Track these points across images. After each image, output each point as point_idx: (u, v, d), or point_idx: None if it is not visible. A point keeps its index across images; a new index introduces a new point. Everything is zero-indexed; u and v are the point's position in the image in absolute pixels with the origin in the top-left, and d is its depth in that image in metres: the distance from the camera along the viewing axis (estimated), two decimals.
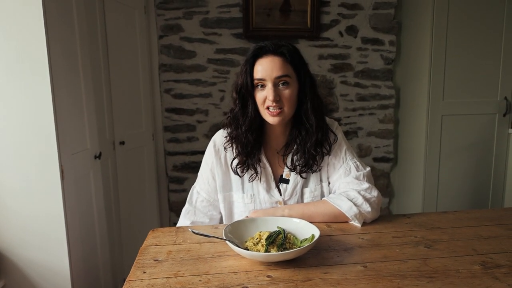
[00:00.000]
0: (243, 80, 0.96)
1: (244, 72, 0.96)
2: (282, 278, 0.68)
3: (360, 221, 0.93)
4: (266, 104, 0.95)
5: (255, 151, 0.99)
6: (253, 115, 0.97)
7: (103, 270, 1.60)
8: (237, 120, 0.99)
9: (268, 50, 0.94)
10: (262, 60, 0.94)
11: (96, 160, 1.54)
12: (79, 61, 1.44)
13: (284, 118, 0.96)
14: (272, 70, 0.92)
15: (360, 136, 2.56)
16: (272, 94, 0.92)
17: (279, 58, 0.93)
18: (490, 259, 0.75)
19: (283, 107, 0.94)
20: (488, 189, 2.39)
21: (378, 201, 0.97)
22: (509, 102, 2.30)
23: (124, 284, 0.67)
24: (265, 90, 0.94)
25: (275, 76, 0.92)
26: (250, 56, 0.96)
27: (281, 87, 0.94)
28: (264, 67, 0.93)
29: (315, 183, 1.03)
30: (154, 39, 2.29)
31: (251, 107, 0.96)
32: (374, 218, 0.97)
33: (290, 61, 0.94)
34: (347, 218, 0.94)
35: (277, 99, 0.93)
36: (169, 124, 2.39)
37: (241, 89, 0.97)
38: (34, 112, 1.21)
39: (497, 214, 1.03)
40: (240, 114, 0.98)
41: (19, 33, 1.17)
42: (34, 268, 1.27)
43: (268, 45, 0.95)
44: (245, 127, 0.97)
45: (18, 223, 1.25)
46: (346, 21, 2.42)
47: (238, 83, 0.97)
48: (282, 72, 0.93)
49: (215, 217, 1.07)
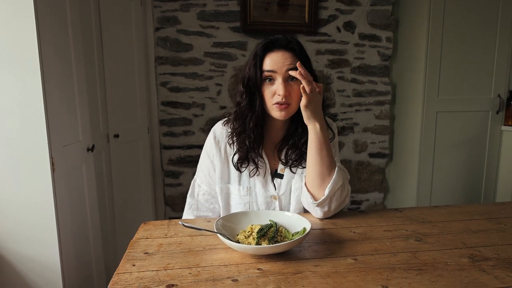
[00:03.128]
0: (253, 72, 0.93)
1: (253, 65, 0.94)
2: (273, 271, 0.68)
3: (324, 204, 0.92)
4: (274, 99, 0.93)
5: (257, 145, 0.99)
6: (260, 110, 0.95)
7: (95, 264, 1.60)
8: (244, 115, 0.97)
9: (280, 45, 0.93)
10: (273, 54, 0.93)
11: (88, 153, 1.53)
12: (72, 53, 1.42)
13: (290, 113, 0.95)
14: (283, 64, 0.91)
15: (356, 132, 2.56)
16: (283, 89, 0.91)
17: (289, 53, 0.93)
18: (478, 252, 0.76)
19: (291, 102, 0.93)
20: (480, 184, 2.42)
21: (344, 202, 0.96)
22: (502, 100, 2.32)
23: (113, 277, 0.67)
24: (275, 85, 0.93)
25: (286, 69, 0.91)
26: (260, 50, 0.94)
27: (291, 82, 0.93)
28: (275, 61, 0.92)
29: (300, 177, 1.03)
30: (150, 31, 2.27)
31: (259, 101, 0.95)
32: (330, 213, 0.95)
33: (299, 57, 0.93)
34: (323, 185, 0.91)
35: (286, 94, 0.91)
36: (165, 117, 2.38)
37: (248, 82, 0.95)
38: (24, 102, 1.19)
39: (487, 209, 1.04)
40: (247, 108, 0.96)
41: (8, 23, 1.15)
42: (24, 262, 1.26)
43: (279, 39, 0.94)
44: (252, 122, 0.96)
45: (7, 216, 1.24)
46: (344, 16, 2.41)
47: (246, 76, 0.95)
48: (293, 67, 0.91)
49: (217, 209, 1.06)
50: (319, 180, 0.92)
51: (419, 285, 0.63)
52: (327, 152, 0.91)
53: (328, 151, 0.92)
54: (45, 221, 1.24)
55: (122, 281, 0.65)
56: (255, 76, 0.93)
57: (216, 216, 1.06)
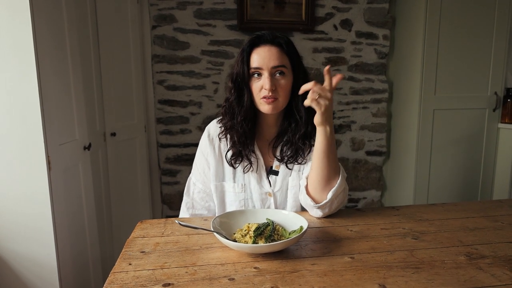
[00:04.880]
0: (240, 68, 0.95)
1: (241, 61, 0.95)
2: (269, 270, 0.68)
3: (325, 206, 0.91)
4: (262, 94, 0.94)
5: (249, 141, 0.99)
6: (248, 105, 0.96)
7: (92, 262, 1.59)
8: (232, 110, 0.98)
9: (265, 40, 0.94)
10: (259, 49, 0.94)
11: (85, 151, 1.52)
12: (68, 51, 1.41)
13: (278, 108, 0.96)
14: (269, 59, 0.93)
15: (353, 130, 2.56)
16: (269, 83, 0.92)
17: (276, 48, 0.94)
18: (475, 250, 0.76)
19: (278, 97, 0.94)
20: (477, 182, 2.42)
21: (343, 202, 0.95)
22: (499, 97, 2.32)
23: (109, 276, 0.67)
24: (262, 80, 0.94)
25: (272, 65, 0.93)
26: (247, 45, 0.96)
27: (277, 76, 0.94)
28: (261, 56, 0.93)
29: (297, 174, 1.03)
30: (147, 29, 2.26)
31: (247, 96, 0.96)
32: (330, 213, 0.95)
33: (286, 52, 0.95)
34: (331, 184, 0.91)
35: (273, 88, 0.93)
36: (162, 116, 2.37)
37: (237, 78, 0.96)
38: (20, 101, 1.18)
39: (484, 206, 1.04)
40: (236, 103, 0.97)
41: (3, 21, 1.14)
42: (20, 261, 1.25)
43: (265, 34, 0.95)
44: (240, 117, 0.97)
45: (3, 215, 1.23)
46: (341, 14, 2.41)
47: (234, 72, 0.97)
48: (279, 62, 0.93)
49: (212, 208, 1.06)
50: (324, 182, 0.91)
51: (416, 283, 0.63)
52: (334, 155, 0.91)
53: (335, 154, 0.92)
54: (41, 220, 1.24)
55: (118, 280, 0.65)
56: (243, 71, 0.95)
57: (211, 215, 1.06)
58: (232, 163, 1.01)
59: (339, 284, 0.63)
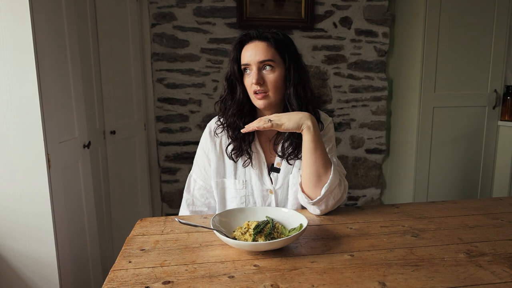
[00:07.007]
0: (231, 66, 0.99)
1: (231, 59, 0.99)
2: (269, 267, 0.68)
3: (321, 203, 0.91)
4: (252, 89, 0.96)
5: (246, 136, 1.00)
6: (241, 99, 0.99)
7: (92, 261, 1.59)
8: (225, 105, 1.01)
9: (252, 36, 0.97)
10: (248, 46, 0.97)
11: (85, 150, 1.52)
12: (68, 49, 1.41)
13: (270, 102, 0.97)
14: (256, 54, 0.95)
15: (353, 128, 2.56)
16: (256, 77, 0.94)
17: (263, 43, 0.96)
18: (475, 247, 0.76)
19: (268, 91, 0.96)
20: (477, 179, 2.43)
21: (341, 199, 0.96)
22: (498, 95, 2.32)
23: (109, 274, 0.67)
24: (251, 75, 0.96)
25: (258, 60, 0.94)
26: (236, 43, 0.99)
27: (266, 71, 0.96)
28: (249, 53, 0.96)
29: (298, 172, 1.03)
30: (147, 27, 2.25)
31: (239, 91, 0.99)
32: (328, 210, 0.94)
33: (275, 45, 0.96)
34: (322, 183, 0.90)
35: (260, 82, 0.94)
36: (162, 114, 2.37)
37: (229, 76, 1.00)
38: (19, 99, 1.18)
39: (484, 204, 1.04)
40: (229, 98, 1.01)
41: (2, 19, 1.14)
42: (20, 259, 1.26)
43: (252, 31, 0.98)
44: (232, 110, 0.99)
45: (3, 213, 1.23)
46: (340, 12, 2.40)
47: (227, 71, 1.01)
48: (265, 56, 0.94)
49: (212, 205, 1.07)
50: (314, 178, 0.91)
51: (416, 281, 0.63)
52: (320, 150, 0.91)
53: (322, 149, 0.92)
54: (41, 218, 1.24)
55: (118, 277, 0.65)
56: (234, 69, 0.98)
57: (211, 212, 1.06)
58: (233, 157, 1.01)
59: (339, 281, 0.63)
